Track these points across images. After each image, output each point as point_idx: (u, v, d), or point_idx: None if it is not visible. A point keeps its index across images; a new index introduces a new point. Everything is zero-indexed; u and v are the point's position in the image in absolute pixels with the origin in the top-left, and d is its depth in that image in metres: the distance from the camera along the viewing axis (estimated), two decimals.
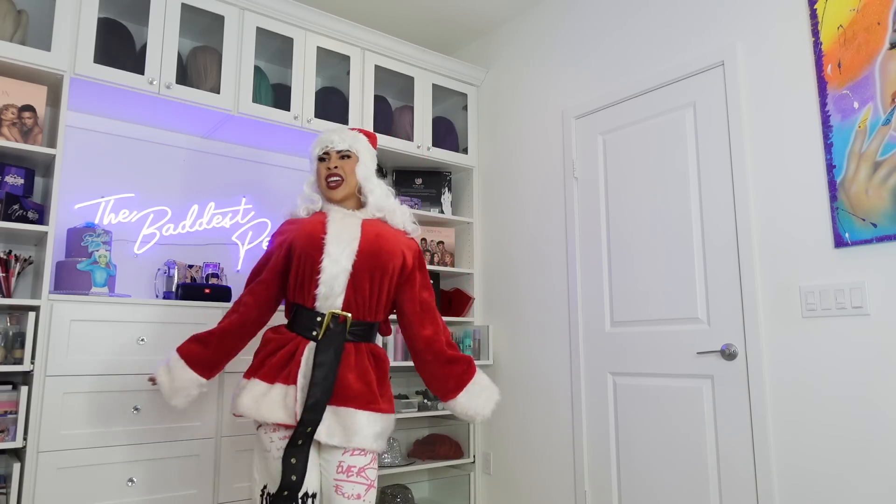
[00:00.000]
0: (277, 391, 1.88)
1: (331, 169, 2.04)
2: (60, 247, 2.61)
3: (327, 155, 2.06)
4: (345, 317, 1.92)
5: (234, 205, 3.20)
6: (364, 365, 1.93)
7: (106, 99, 2.65)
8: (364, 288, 1.94)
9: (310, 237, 1.95)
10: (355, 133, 2.12)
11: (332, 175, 2.03)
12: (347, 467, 1.87)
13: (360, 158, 2.08)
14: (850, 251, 2.12)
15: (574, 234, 3.04)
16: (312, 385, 1.83)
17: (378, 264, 1.95)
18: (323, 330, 1.91)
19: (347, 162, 2.05)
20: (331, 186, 2.03)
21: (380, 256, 1.95)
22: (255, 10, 2.89)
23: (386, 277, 1.97)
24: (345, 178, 2.04)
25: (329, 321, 1.91)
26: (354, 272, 1.92)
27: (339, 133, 2.09)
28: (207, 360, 1.99)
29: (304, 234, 1.97)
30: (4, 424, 2.18)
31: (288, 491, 1.79)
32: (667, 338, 2.62)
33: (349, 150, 2.06)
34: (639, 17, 2.88)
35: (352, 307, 1.94)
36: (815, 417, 2.16)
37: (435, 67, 3.52)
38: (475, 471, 3.41)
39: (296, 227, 2.02)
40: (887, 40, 2.07)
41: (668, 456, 2.57)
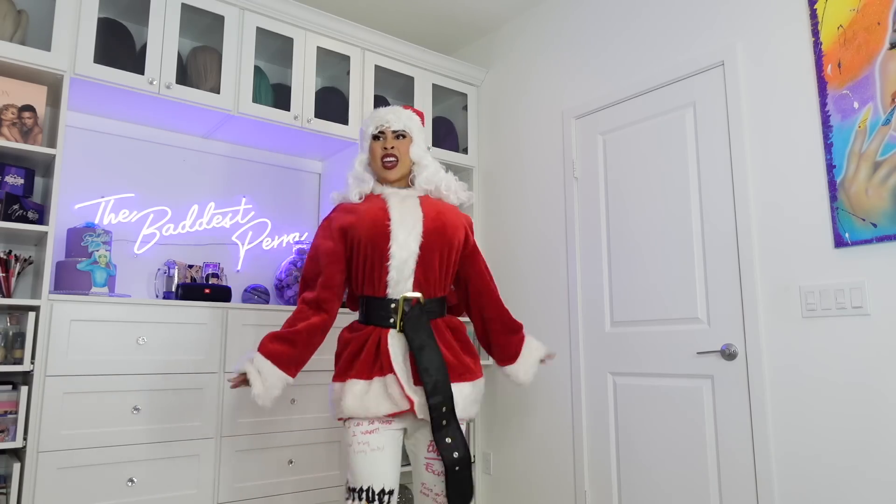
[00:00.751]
0: (376, 385, 1.88)
1: (387, 149, 2.03)
2: (60, 247, 2.61)
3: (382, 134, 2.06)
4: (417, 299, 1.94)
5: (234, 205, 3.20)
6: (447, 339, 1.97)
7: (106, 99, 2.65)
8: (434, 267, 1.97)
9: (374, 225, 1.94)
10: (409, 112, 2.12)
11: (388, 155, 2.03)
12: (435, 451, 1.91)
13: (413, 139, 2.08)
14: (850, 251, 2.12)
15: (574, 234, 3.04)
16: (422, 371, 1.85)
17: (445, 241, 1.98)
18: (399, 316, 1.92)
19: (402, 142, 2.06)
20: (386, 166, 2.03)
21: (445, 233, 1.98)
22: (255, 10, 2.89)
23: (453, 252, 2.02)
24: (400, 158, 2.04)
25: (403, 306, 1.93)
26: (422, 253, 1.94)
27: (395, 112, 2.09)
28: (294, 358, 1.94)
29: (368, 223, 1.95)
30: (4, 424, 2.18)
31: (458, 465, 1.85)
32: (667, 338, 2.61)
33: (404, 129, 2.06)
34: (639, 17, 2.88)
35: (422, 287, 1.96)
36: (815, 417, 2.16)
37: (435, 67, 3.52)
38: (475, 471, 3.41)
39: (355, 217, 1.99)
40: (887, 40, 2.07)
41: (668, 456, 2.57)
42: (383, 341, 1.91)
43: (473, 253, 2.12)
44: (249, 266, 3.19)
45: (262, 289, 3.08)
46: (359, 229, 1.96)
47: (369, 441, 1.86)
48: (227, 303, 2.68)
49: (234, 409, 2.60)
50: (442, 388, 1.85)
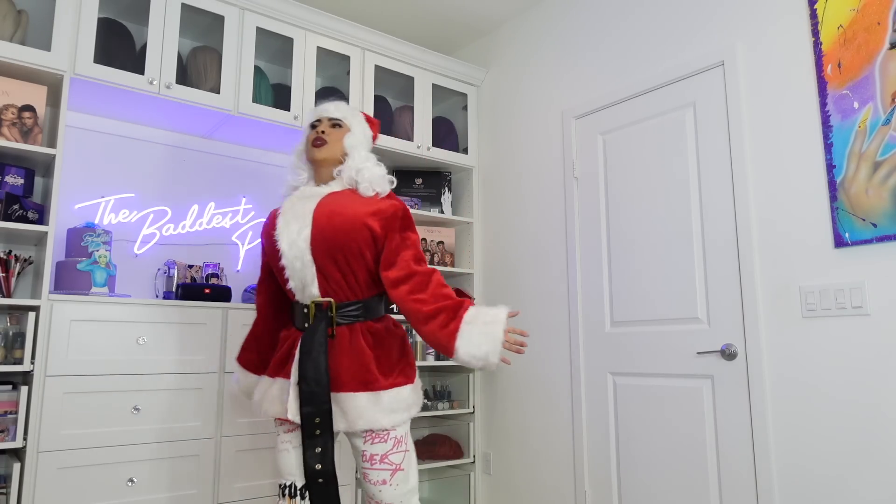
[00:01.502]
0: (277, 386, 1.91)
1: (318, 133, 2.01)
2: (60, 247, 2.61)
3: (319, 122, 2.06)
4: (328, 303, 1.86)
5: (234, 205, 3.20)
6: (359, 345, 1.84)
7: (106, 99, 2.65)
8: (334, 273, 1.86)
9: (267, 235, 1.98)
10: (354, 109, 2.11)
11: (318, 138, 2.00)
12: (370, 456, 1.85)
13: (351, 129, 2.05)
14: (850, 251, 2.12)
15: (574, 234, 3.04)
16: (302, 377, 1.78)
17: (336, 246, 1.84)
18: (311, 319, 1.87)
19: (337, 130, 2.03)
20: (314, 145, 1.99)
21: (335, 238, 1.83)
22: (255, 10, 2.90)
23: (352, 257, 1.85)
24: (330, 142, 1.99)
25: (314, 310, 1.86)
26: (316, 259, 1.84)
27: (336, 104, 2.08)
28: (259, 361, 2.12)
29: (266, 233, 2.00)
30: (4, 424, 2.18)
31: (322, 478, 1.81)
32: (667, 338, 2.62)
33: (341, 119, 2.05)
34: (639, 16, 2.88)
35: (331, 292, 1.87)
36: (816, 417, 2.16)
37: (435, 67, 3.52)
38: (475, 471, 3.41)
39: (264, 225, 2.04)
40: (887, 40, 2.07)
41: (668, 456, 2.57)
42: (294, 345, 1.90)
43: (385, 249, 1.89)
44: (249, 266, 3.19)
45: None
46: (263, 238, 2.03)
47: (291, 440, 1.90)
48: (227, 303, 2.68)
49: (234, 409, 2.60)
50: (318, 398, 1.77)
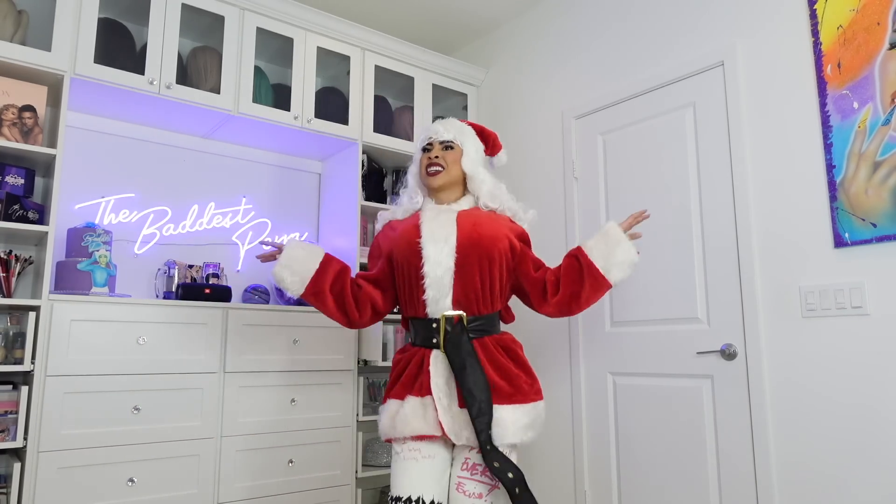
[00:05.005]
0: (410, 404, 1.83)
1: (432, 158, 2.00)
2: (61, 247, 2.61)
3: (430, 145, 2.04)
4: (459, 316, 1.87)
5: (234, 205, 3.20)
6: (496, 358, 1.88)
7: (106, 99, 2.65)
8: (474, 281, 1.89)
9: (407, 244, 1.92)
10: (462, 125, 2.09)
11: (433, 164, 2.00)
12: (473, 465, 1.82)
13: (464, 150, 2.03)
14: (849, 251, 2.12)
15: (574, 235, 3.04)
16: (466, 391, 1.77)
17: (482, 252, 1.89)
18: (442, 335, 1.86)
19: (450, 153, 2.02)
20: (430, 174, 1.99)
21: (481, 244, 1.89)
22: (255, 10, 2.90)
23: (494, 265, 1.91)
24: (446, 167, 1.99)
25: (445, 325, 1.86)
26: (458, 268, 1.87)
27: (444, 123, 2.06)
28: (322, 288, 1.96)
29: (402, 243, 1.95)
30: (4, 424, 2.18)
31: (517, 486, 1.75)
32: (667, 338, 2.62)
33: (453, 140, 2.03)
34: (639, 16, 2.88)
35: (464, 304, 1.89)
36: (815, 417, 2.16)
37: (435, 67, 3.52)
38: None
39: (393, 236, 2.00)
40: (887, 40, 2.07)
41: (668, 456, 2.57)
42: (426, 362, 1.87)
43: (522, 261, 2.00)
44: (249, 266, 3.19)
45: (262, 289, 3.08)
46: (394, 250, 1.97)
47: (419, 448, 1.82)
48: (228, 303, 2.68)
49: (234, 409, 2.60)
50: (486, 409, 1.77)
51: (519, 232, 2.03)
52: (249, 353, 2.66)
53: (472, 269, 1.88)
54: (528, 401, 1.86)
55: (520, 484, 1.76)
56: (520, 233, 2.04)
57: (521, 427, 1.83)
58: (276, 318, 2.74)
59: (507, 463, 1.77)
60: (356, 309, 2.00)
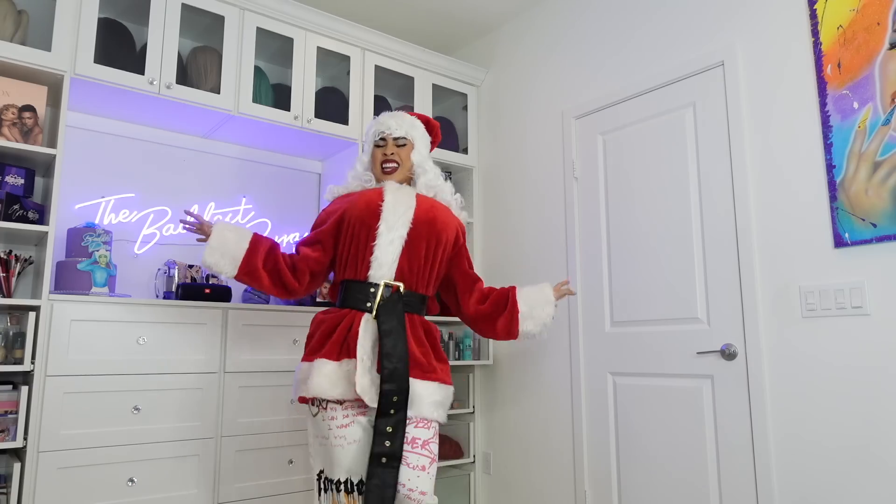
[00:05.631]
0: (345, 368, 1.87)
1: (387, 155, 2.11)
2: (61, 247, 2.61)
3: (384, 141, 2.13)
4: (397, 286, 1.96)
5: (234, 205, 3.20)
6: (419, 335, 1.97)
7: (106, 99, 2.65)
8: (419, 256, 1.99)
9: (367, 206, 2.00)
10: (412, 120, 2.19)
11: (388, 161, 2.11)
12: (412, 438, 1.87)
13: (415, 145, 2.15)
14: (849, 251, 2.12)
15: (574, 234, 3.04)
16: (384, 355, 1.83)
17: (433, 232, 2.02)
18: (378, 300, 1.92)
19: (403, 149, 2.13)
20: (386, 171, 2.11)
21: (434, 225, 2.02)
22: (255, 10, 2.90)
23: (440, 248, 2.04)
24: (400, 163, 2.12)
25: (383, 291, 1.94)
26: (410, 240, 1.97)
27: (397, 119, 2.15)
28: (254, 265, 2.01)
29: (361, 204, 2.01)
30: (4, 424, 2.18)
31: (386, 458, 1.79)
32: (667, 338, 2.62)
33: (405, 136, 2.13)
34: (639, 17, 2.88)
35: (405, 276, 1.98)
36: (815, 417, 2.16)
37: (435, 67, 3.52)
38: (475, 471, 3.41)
39: (350, 200, 2.07)
40: (887, 40, 2.07)
41: (668, 456, 2.57)
42: (355, 324, 1.91)
43: (459, 254, 2.16)
44: None
45: None
46: (351, 209, 2.03)
47: (345, 435, 1.85)
48: (227, 303, 2.68)
49: (234, 409, 2.60)
50: (399, 376, 1.83)
51: (461, 226, 2.18)
52: (249, 353, 2.66)
53: (420, 244, 1.99)
54: (440, 381, 1.95)
55: (390, 457, 1.79)
56: (462, 228, 2.19)
57: (434, 402, 1.91)
58: (275, 318, 2.74)
59: (397, 434, 1.81)
60: (294, 277, 2.04)
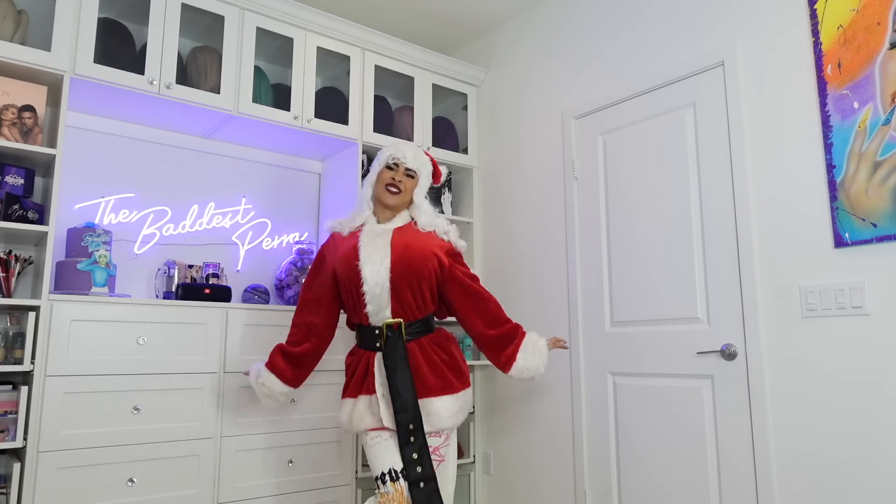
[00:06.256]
0: (362, 402, 2.13)
1: (395, 180, 2.20)
2: (60, 247, 2.61)
3: (396, 165, 2.23)
4: (398, 323, 2.12)
5: (234, 205, 3.20)
6: (431, 357, 2.13)
7: (106, 99, 2.65)
8: (406, 295, 2.12)
9: (346, 264, 2.15)
10: (426, 158, 2.30)
11: (394, 185, 2.20)
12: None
13: (419, 182, 2.25)
14: (850, 251, 2.12)
15: (574, 234, 3.04)
16: (393, 392, 2.06)
17: (412, 272, 2.11)
18: (384, 340, 2.11)
19: (410, 180, 2.24)
20: (390, 192, 2.20)
21: (412, 265, 2.11)
22: (255, 10, 2.89)
23: (424, 282, 2.14)
24: (403, 191, 2.21)
25: (386, 331, 2.11)
26: (393, 285, 2.10)
27: (414, 151, 2.26)
28: (294, 376, 2.25)
29: (342, 262, 2.17)
30: (4, 424, 2.18)
31: (423, 482, 2.02)
32: (667, 338, 2.62)
33: (416, 170, 2.24)
34: (639, 17, 2.88)
35: (400, 312, 2.13)
36: (815, 417, 2.16)
37: (435, 67, 3.51)
38: (475, 471, 3.41)
39: (335, 255, 2.21)
40: (887, 40, 2.07)
41: (668, 456, 2.57)
42: (371, 364, 2.14)
43: (451, 278, 2.21)
44: (249, 266, 3.19)
45: (262, 289, 3.08)
46: (338, 267, 2.19)
47: (379, 434, 2.10)
48: (227, 303, 2.68)
49: (234, 409, 2.60)
50: (410, 406, 2.05)
51: (447, 248, 2.22)
52: (249, 353, 2.66)
53: (403, 286, 2.11)
54: (457, 391, 2.14)
55: (426, 479, 2.03)
56: (448, 249, 2.22)
57: (454, 413, 2.11)
58: (275, 318, 2.74)
59: (426, 457, 2.04)
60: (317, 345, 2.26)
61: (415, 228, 2.22)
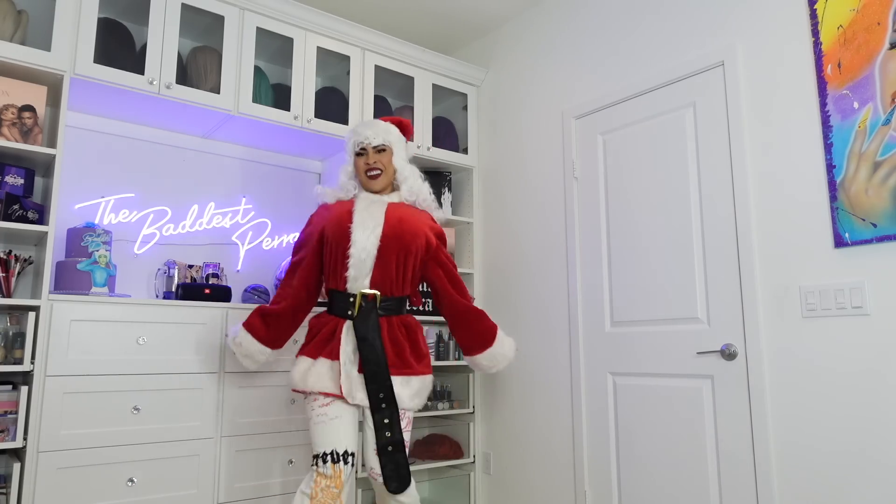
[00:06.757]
0: (322, 364, 2.10)
1: (370, 163, 2.22)
2: (60, 247, 2.61)
3: (364, 150, 2.24)
4: (374, 295, 2.12)
5: (234, 205, 3.20)
6: (396, 335, 2.13)
7: (106, 99, 2.65)
8: (390, 268, 2.13)
9: (338, 225, 2.16)
10: (386, 125, 2.29)
11: (372, 168, 2.22)
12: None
13: (393, 150, 2.26)
14: (850, 251, 2.12)
15: (574, 234, 3.04)
16: (364, 360, 2.05)
17: (402, 245, 2.14)
18: (357, 308, 2.11)
19: (384, 155, 2.24)
20: (371, 178, 2.23)
21: (402, 238, 2.14)
22: (255, 10, 2.90)
23: (410, 257, 2.16)
24: (384, 170, 2.23)
25: (360, 300, 2.11)
26: (379, 255, 2.11)
27: (372, 128, 2.26)
28: (269, 336, 2.23)
29: (333, 223, 2.17)
30: (4, 424, 2.18)
31: (392, 446, 2.04)
32: (667, 338, 2.62)
33: (384, 143, 2.24)
34: (639, 17, 2.88)
35: (379, 285, 2.14)
36: (815, 417, 2.16)
37: (435, 67, 3.52)
38: (475, 471, 3.41)
39: (328, 216, 2.22)
40: (887, 40, 2.07)
41: (668, 456, 2.57)
42: (339, 329, 2.12)
43: (434, 258, 2.26)
44: (249, 266, 3.19)
45: (262, 289, 3.08)
46: (326, 228, 2.20)
47: (326, 412, 2.06)
48: (227, 303, 2.68)
49: (234, 409, 2.60)
50: (380, 377, 2.05)
51: (438, 231, 2.30)
52: None
53: (390, 258, 2.13)
54: (415, 373, 2.14)
55: (395, 444, 2.05)
56: (438, 232, 2.30)
57: (408, 395, 2.11)
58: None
59: (394, 424, 2.05)
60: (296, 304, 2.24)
61: (409, 206, 2.26)
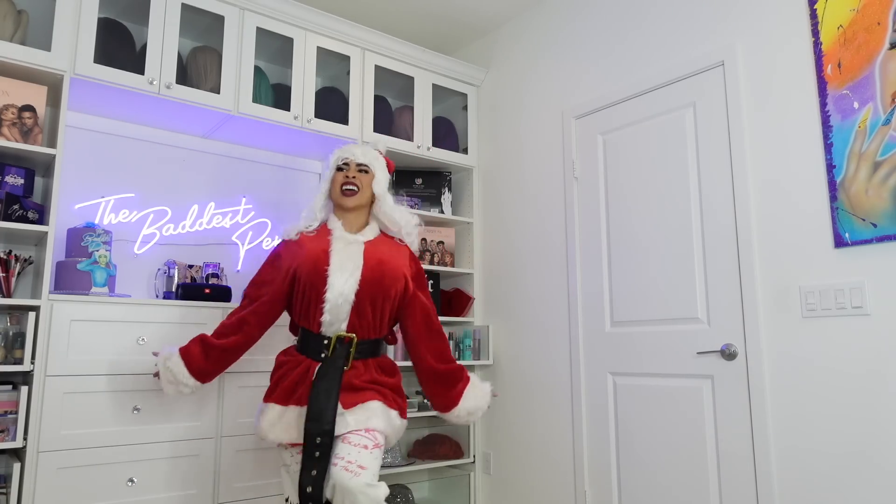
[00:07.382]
0: (291, 413, 1.99)
1: (348, 178, 2.11)
2: (60, 247, 2.61)
3: (346, 165, 2.15)
4: (350, 338, 2.02)
5: (234, 205, 3.20)
6: (373, 375, 2.04)
7: (106, 99, 2.65)
8: (367, 312, 2.04)
9: (314, 266, 2.02)
10: (377, 154, 2.22)
11: (349, 183, 2.11)
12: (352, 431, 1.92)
13: (376, 175, 2.17)
14: (850, 251, 2.12)
15: (574, 234, 3.04)
16: (312, 395, 1.92)
17: (380, 291, 2.04)
18: (331, 350, 2.01)
19: (365, 176, 2.15)
20: (345, 194, 2.10)
21: (382, 282, 2.04)
22: (255, 10, 2.89)
23: (388, 302, 2.07)
24: (360, 188, 2.12)
25: (335, 343, 2.01)
26: (357, 300, 2.01)
27: (362, 148, 2.20)
28: (205, 369, 2.09)
29: (308, 264, 2.03)
30: (4, 424, 2.18)
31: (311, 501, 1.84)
32: (667, 338, 2.62)
33: (368, 165, 2.16)
34: (639, 16, 2.88)
35: (356, 329, 2.03)
36: (816, 417, 2.16)
37: (435, 67, 3.51)
38: (475, 471, 3.41)
39: (299, 253, 2.07)
40: (887, 40, 2.07)
41: (668, 456, 2.57)
42: (310, 373, 2.00)
43: (412, 303, 2.13)
44: (249, 266, 3.18)
45: None
46: (300, 268, 2.04)
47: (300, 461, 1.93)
48: (227, 303, 2.68)
49: (234, 409, 2.60)
50: (325, 417, 1.89)
51: (416, 271, 2.18)
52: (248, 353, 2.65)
53: (366, 303, 2.03)
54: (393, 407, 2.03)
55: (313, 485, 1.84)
56: (416, 272, 2.18)
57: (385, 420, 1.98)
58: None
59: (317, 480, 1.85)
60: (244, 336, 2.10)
61: (385, 242, 2.14)
